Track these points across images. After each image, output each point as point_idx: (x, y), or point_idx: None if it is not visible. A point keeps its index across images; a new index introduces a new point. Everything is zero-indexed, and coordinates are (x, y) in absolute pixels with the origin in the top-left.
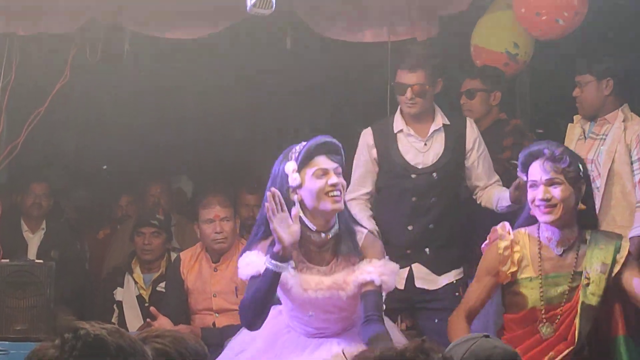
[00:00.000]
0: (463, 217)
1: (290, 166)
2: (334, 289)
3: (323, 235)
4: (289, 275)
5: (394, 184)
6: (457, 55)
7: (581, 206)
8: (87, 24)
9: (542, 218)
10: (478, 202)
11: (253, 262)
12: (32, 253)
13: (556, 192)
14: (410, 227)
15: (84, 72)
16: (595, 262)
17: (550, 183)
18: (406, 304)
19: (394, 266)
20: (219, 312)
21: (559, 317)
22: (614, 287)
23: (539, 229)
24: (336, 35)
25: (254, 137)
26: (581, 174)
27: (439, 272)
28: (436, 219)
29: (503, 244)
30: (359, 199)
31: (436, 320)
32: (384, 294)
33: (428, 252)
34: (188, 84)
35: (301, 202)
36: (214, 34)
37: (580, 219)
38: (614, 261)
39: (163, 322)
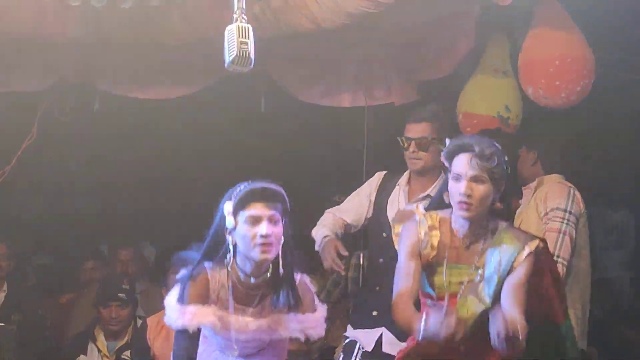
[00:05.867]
0: None
1: (227, 207)
2: (258, 332)
3: (252, 280)
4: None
5: (369, 243)
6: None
7: (498, 205)
8: (57, 82)
9: (458, 212)
10: None
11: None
12: None
13: (478, 190)
14: (377, 288)
15: (52, 131)
16: (494, 262)
17: (474, 179)
18: None
19: (320, 315)
20: None
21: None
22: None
23: (451, 216)
24: (312, 99)
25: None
26: (504, 173)
27: (403, 338)
28: None
29: (423, 228)
30: (337, 217)
31: None
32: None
33: None
34: (158, 146)
35: (235, 245)
36: (186, 95)
37: (496, 215)
38: (510, 266)
39: None
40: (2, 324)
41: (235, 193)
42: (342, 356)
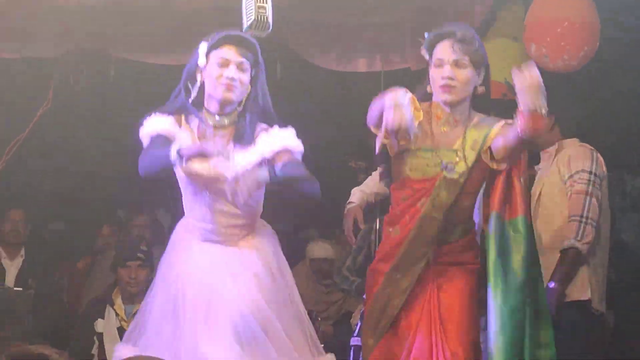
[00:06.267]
0: None
1: (202, 47)
2: (225, 169)
3: (217, 118)
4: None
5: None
6: None
7: (480, 89)
8: (72, 49)
9: (441, 97)
10: None
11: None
12: (9, 281)
13: (460, 73)
14: None
15: (67, 97)
16: (470, 141)
17: (457, 64)
18: None
19: (290, 130)
20: None
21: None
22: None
23: (430, 105)
24: (328, 64)
25: None
26: (484, 58)
27: None
28: None
29: (413, 105)
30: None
31: None
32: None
33: None
34: None
35: (202, 84)
36: None
37: (475, 102)
38: (485, 138)
39: None
40: (20, 289)
41: (212, 35)
42: (359, 324)
